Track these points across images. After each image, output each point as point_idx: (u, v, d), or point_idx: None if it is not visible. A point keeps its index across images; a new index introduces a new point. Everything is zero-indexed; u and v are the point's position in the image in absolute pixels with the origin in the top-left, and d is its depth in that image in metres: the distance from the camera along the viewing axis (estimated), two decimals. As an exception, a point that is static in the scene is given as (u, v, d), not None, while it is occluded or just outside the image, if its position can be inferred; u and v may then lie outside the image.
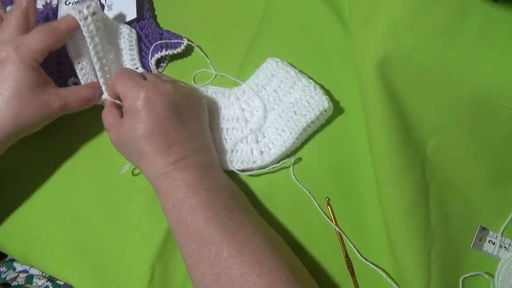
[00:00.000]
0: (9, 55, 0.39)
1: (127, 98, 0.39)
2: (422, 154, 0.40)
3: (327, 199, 0.43)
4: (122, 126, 0.39)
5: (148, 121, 0.38)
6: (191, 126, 0.40)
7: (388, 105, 0.40)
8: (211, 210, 0.36)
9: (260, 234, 0.36)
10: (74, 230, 0.45)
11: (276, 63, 0.45)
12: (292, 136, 0.42)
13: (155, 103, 0.38)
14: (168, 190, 0.37)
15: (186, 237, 0.36)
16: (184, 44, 0.48)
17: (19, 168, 0.47)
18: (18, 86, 0.39)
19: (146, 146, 0.38)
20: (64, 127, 0.48)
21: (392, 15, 0.40)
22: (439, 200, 0.39)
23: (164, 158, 0.38)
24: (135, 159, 0.39)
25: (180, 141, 0.39)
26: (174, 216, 0.37)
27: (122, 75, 0.40)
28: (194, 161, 0.39)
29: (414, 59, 0.40)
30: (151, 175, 0.38)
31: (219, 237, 0.35)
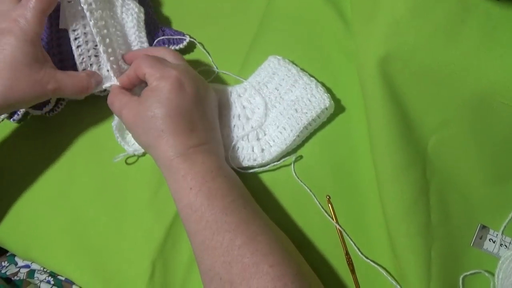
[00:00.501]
0: (9, 28, 0.37)
1: (155, 78, 0.38)
2: (423, 152, 0.40)
3: (327, 196, 0.43)
4: (144, 103, 0.38)
5: (177, 101, 0.37)
6: (210, 116, 0.41)
7: (389, 103, 0.40)
8: (228, 197, 0.36)
9: (271, 227, 0.37)
10: (75, 226, 0.45)
11: (278, 61, 0.46)
12: (293, 134, 0.43)
13: (186, 86, 0.38)
14: (186, 172, 0.36)
15: (199, 223, 0.35)
16: (186, 40, 0.48)
17: (19, 165, 0.48)
18: (14, 60, 0.37)
19: (170, 124, 0.37)
20: (64, 123, 0.48)
21: (394, 13, 0.40)
22: (439, 199, 0.39)
23: (186, 139, 0.37)
24: (153, 137, 0.38)
25: (201, 127, 0.39)
26: (189, 200, 0.36)
27: (148, 57, 0.40)
28: (213, 148, 0.39)
29: (415, 57, 0.40)
30: (168, 155, 0.37)
31: (234, 225, 0.34)
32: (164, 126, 0.37)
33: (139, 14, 0.46)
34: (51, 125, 0.48)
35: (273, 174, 0.44)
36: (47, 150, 0.48)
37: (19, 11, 0.38)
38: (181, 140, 0.37)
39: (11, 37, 0.37)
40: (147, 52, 0.42)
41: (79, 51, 0.43)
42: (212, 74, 0.48)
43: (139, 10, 0.46)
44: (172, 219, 0.43)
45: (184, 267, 0.42)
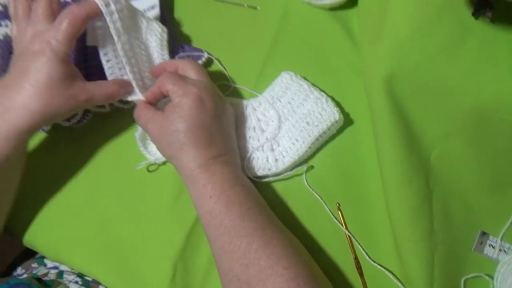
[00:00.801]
0: (42, 49, 0.40)
1: (178, 94, 0.41)
2: (426, 163, 0.42)
3: (337, 204, 0.46)
4: (168, 117, 0.41)
5: (197, 116, 0.40)
6: (227, 129, 0.44)
7: (395, 117, 0.42)
8: (245, 204, 0.39)
9: (285, 232, 0.39)
10: (101, 229, 0.48)
11: (290, 77, 0.49)
12: (305, 145, 0.45)
13: (205, 102, 0.41)
14: (206, 181, 0.39)
15: (219, 228, 0.38)
16: (204, 57, 0.52)
17: (49, 172, 0.50)
18: (49, 79, 0.40)
19: (192, 138, 0.40)
20: (90, 133, 0.51)
21: (398, 34, 0.43)
22: (442, 206, 0.42)
23: (206, 152, 0.40)
24: (175, 150, 0.41)
25: (220, 139, 0.42)
26: (209, 207, 0.39)
27: (171, 74, 0.43)
28: (230, 159, 0.42)
29: (418, 74, 0.43)
30: (190, 166, 0.40)
31: (251, 230, 0.37)
32: (186, 140, 0.40)
33: (162, 34, 0.49)
34: (79, 136, 0.51)
35: (286, 183, 0.47)
36: (74, 158, 0.51)
37: (52, 33, 0.40)
38: (202, 152, 0.40)
39: (44, 58, 0.40)
40: (174, 64, 0.46)
41: (109, 65, 0.47)
42: (228, 89, 0.51)
43: (162, 30, 0.49)
44: (192, 225, 0.46)
45: (203, 269, 0.45)
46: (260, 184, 0.47)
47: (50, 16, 0.42)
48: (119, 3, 0.42)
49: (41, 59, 0.40)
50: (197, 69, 0.45)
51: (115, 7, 0.42)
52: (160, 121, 0.41)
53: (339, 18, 0.52)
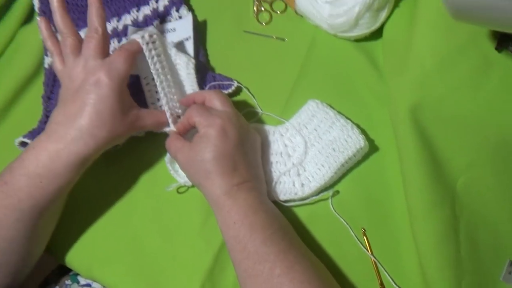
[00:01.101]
0: (103, 79, 0.43)
1: (203, 126, 0.43)
2: (452, 191, 0.43)
3: (363, 229, 0.46)
4: (194, 148, 0.43)
5: (221, 146, 0.42)
6: (251, 156, 0.46)
7: (420, 145, 0.44)
8: (268, 230, 0.40)
9: (307, 257, 0.40)
10: (133, 248, 0.50)
11: (317, 104, 0.50)
12: (331, 171, 0.47)
13: (228, 132, 0.43)
14: (230, 208, 0.41)
15: (242, 253, 0.40)
16: (234, 85, 0.54)
17: (86, 192, 0.53)
18: (112, 110, 0.44)
19: (215, 167, 0.42)
20: (125, 156, 0.54)
21: (423, 67, 0.44)
22: (469, 234, 0.42)
23: (230, 179, 0.42)
24: (202, 178, 0.43)
25: (243, 166, 0.44)
26: (234, 233, 0.41)
27: (197, 106, 0.46)
28: (253, 186, 0.44)
29: (443, 105, 0.44)
30: (216, 193, 0.42)
31: (273, 255, 0.39)
32: (211, 168, 0.42)
33: (189, 64, 0.51)
34: (115, 158, 0.54)
35: (312, 208, 0.48)
36: (110, 179, 0.53)
37: (109, 68, 0.44)
38: (226, 179, 0.42)
39: (105, 91, 0.43)
40: (201, 95, 0.48)
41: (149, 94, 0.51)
42: (256, 115, 0.54)
43: (189, 60, 0.52)
44: (220, 246, 0.48)
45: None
46: (286, 208, 0.48)
47: (102, 53, 0.46)
48: (154, 39, 0.47)
49: (103, 89, 0.44)
50: (222, 99, 0.47)
51: (152, 45, 0.47)
52: (187, 152, 0.44)
53: (364, 49, 0.54)
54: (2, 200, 0.42)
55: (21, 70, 0.60)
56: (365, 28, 0.53)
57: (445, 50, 0.44)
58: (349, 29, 0.53)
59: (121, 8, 0.62)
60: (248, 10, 0.60)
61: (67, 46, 0.46)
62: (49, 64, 0.60)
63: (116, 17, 0.61)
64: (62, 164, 0.43)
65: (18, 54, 0.61)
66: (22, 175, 0.43)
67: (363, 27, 0.53)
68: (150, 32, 0.48)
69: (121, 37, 0.60)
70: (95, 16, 0.46)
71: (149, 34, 0.48)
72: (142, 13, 0.61)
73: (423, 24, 0.46)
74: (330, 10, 0.52)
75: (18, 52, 0.62)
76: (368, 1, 0.49)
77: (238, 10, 0.60)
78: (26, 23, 0.64)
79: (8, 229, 0.42)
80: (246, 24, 0.59)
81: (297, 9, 0.56)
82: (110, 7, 0.62)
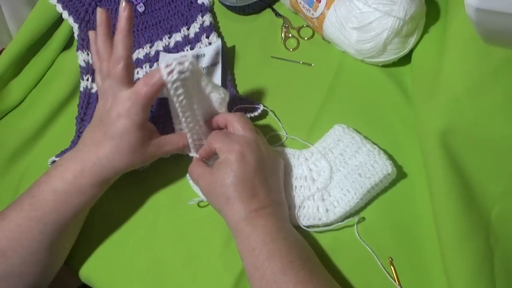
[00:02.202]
0: (124, 114, 0.44)
1: (223, 152, 0.44)
2: (486, 220, 0.41)
3: (390, 258, 0.44)
4: (215, 174, 0.44)
5: (240, 171, 0.43)
6: (271, 181, 0.45)
7: (451, 172, 0.42)
8: (286, 258, 0.39)
9: (331, 285, 0.39)
10: (154, 268, 0.50)
11: (343, 129, 0.50)
12: (357, 196, 0.45)
13: (247, 157, 0.43)
14: (249, 235, 0.41)
15: (261, 281, 0.39)
16: (260, 109, 0.55)
17: (111, 210, 0.54)
18: (131, 145, 0.45)
19: (234, 192, 0.42)
20: (151, 176, 0.55)
21: (453, 91, 0.43)
22: (505, 267, 0.39)
23: (248, 205, 0.42)
24: (222, 204, 0.43)
25: (262, 192, 0.43)
26: (252, 260, 0.40)
27: (219, 133, 0.46)
28: (273, 211, 0.43)
29: (476, 131, 0.42)
30: (235, 219, 0.42)
31: (291, 285, 0.38)
32: (230, 194, 0.43)
33: (224, 98, 0.50)
34: (141, 177, 0.55)
35: (337, 234, 0.47)
36: (135, 198, 0.54)
37: (131, 102, 0.44)
38: (245, 205, 0.42)
39: (127, 125, 0.44)
40: (224, 118, 0.49)
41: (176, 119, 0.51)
42: (282, 139, 0.54)
43: (225, 94, 0.50)
44: (240, 271, 0.47)
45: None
46: (309, 235, 0.47)
47: (127, 81, 0.46)
48: (183, 70, 0.43)
49: (123, 126, 0.45)
50: (243, 123, 0.47)
51: (177, 75, 0.43)
52: (208, 178, 0.45)
53: (391, 74, 0.54)
54: (29, 213, 0.44)
55: (59, 92, 0.63)
56: (393, 54, 0.52)
57: (477, 74, 0.43)
58: (377, 54, 0.53)
59: (154, 35, 0.65)
60: (276, 37, 0.62)
61: (103, 70, 0.48)
62: (84, 87, 0.62)
63: (149, 43, 0.64)
64: (86, 183, 0.45)
65: (57, 77, 0.65)
66: (49, 190, 0.45)
67: (391, 52, 0.52)
68: (180, 60, 0.44)
69: (152, 62, 0.63)
70: (120, 43, 0.46)
71: (180, 71, 0.43)
72: (174, 40, 0.63)
73: (454, 49, 0.46)
74: (357, 36, 0.52)
75: (57, 75, 0.66)
76: (396, 27, 0.49)
77: (267, 36, 0.62)
78: (65, 49, 0.68)
79: (32, 240, 0.44)
80: (273, 50, 0.61)
81: (324, 35, 0.57)
82: (144, 34, 0.65)
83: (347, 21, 0.52)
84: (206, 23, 0.63)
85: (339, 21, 0.53)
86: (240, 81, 0.59)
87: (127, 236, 0.52)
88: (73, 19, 0.65)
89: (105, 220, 0.54)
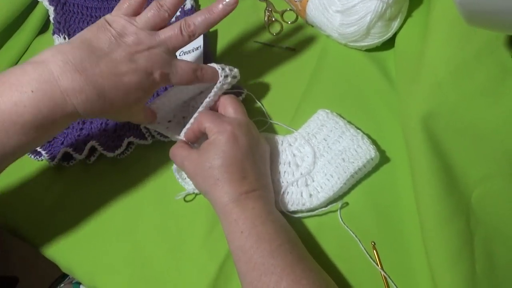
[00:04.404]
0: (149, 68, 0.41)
1: (213, 132, 0.43)
2: (467, 204, 0.41)
3: (373, 243, 0.45)
4: (203, 155, 0.43)
5: (231, 153, 0.42)
6: (260, 165, 0.45)
7: (433, 156, 0.42)
8: (276, 241, 0.39)
9: (315, 272, 0.39)
10: (136, 257, 0.49)
11: (326, 114, 0.50)
12: (340, 181, 0.45)
13: (239, 139, 0.43)
14: (238, 216, 0.40)
15: (248, 264, 0.38)
16: (243, 94, 0.54)
17: (92, 200, 0.53)
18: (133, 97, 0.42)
19: (224, 173, 0.41)
20: (132, 164, 0.54)
21: (436, 76, 0.43)
22: (485, 250, 0.40)
23: (238, 187, 0.41)
24: (210, 185, 0.42)
25: (252, 175, 0.43)
26: (240, 243, 0.39)
27: (208, 112, 0.45)
28: (262, 195, 0.43)
29: (458, 115, 0.42)
30: (223, 200, 0.41)
31: (280, 268, 0.37)
32: (219, 175, 0.42)
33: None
34: (122, 166, 0.54)
35: (320, 219, 0.47)
36: (116, 188, 0.53)
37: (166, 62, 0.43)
38: (234, 187, 0.41)
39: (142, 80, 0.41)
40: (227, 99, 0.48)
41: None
42: (265, 124, 0.53)
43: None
44: (225, 256, 0.46)
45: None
46: (293, 219, 0.47)
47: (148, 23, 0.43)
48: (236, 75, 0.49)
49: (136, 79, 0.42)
50: (235, 105, 0.47)
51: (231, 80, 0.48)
52: (196, 159, 0.43)
53: (375, 58, 0.54)
54: None
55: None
56: (376, 38, 0.52)
57: (459, 59, 0.43)
58: (361, 38, 0.52)
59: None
60: (259, 20, 0.60)
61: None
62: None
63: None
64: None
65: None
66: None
67: (374, 36, 0.52)
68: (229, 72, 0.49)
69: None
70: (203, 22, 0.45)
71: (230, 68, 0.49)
72: (154, 23, 0.61)
73: (437, 33, 0.45)
74: (341, 19, 0.51)
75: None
76: (379, 10, 0.49)
77: (249, 20, 0.61)
78: (41, 33, 0.65)
79: None
80: (257, 34, 0.60)
81: (308, 18, 0.56)
82: (123, 17, 0.63)
83: (331, 4, 0.51)
84: (187, 6, 0.61)
85: (323, 4, 0.52)
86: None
87: (109, 225, 0.51)
88: (48, 1, 0.62)
89: (86, 210, 0.52)
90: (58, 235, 0.50)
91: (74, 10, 0.63)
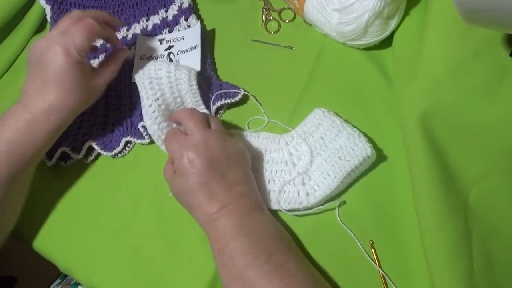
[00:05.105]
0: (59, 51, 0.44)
1: (175, 158, 0.44)
2: (465, 202, 0.41)
3: (371, 241, 0.45)
4: (174, 183, 0.44)
5: (191, 178, 0.42)
6: (230, 175, 0.44)
7: (430, 154, 0.42)
8: (249, 254, 0.39)
9: (298, 277, 0.38)
10: (134, 258, 0.49)
11: (323, 113, 0.50)
12: (337, 179, 0.45)
13: (195, 163, 0.42)
14: (213, 236, 0.42)
15: (228, 278, 0.40)
16: (241, 94, 0.54)
17: (90, 200, 0.52)
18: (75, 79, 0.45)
19: (192, 199, 0.43)
20: (130, 164, 0.54)
21: (434, 74, 0.43)
22: (483, 248, 0.40)
23: (208, 208, 0.42)
24: (187, 208, 0.45)
25: (220, 191, 0.42)
26: (219, 259, 0.41)
27: (169, 136, 0.46)
28: (234, 207, 0.42)
29: (455, 113, 0.42)
30: (200, 222, 0.43)
31: (257, 279, 0.38)
32: (190, 201, 0.44)
33: (190, 76, 0.52)
34: (119, 166, 0.53)
35: (318, 218, 0.47)
36: (114, 187, 0.53)
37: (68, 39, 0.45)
38: (205, 209, 0.42)
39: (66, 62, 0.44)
40: (177, 115, 0.48)
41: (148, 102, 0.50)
42: (263, 123, 0.53)
43: (189, 72, 0.52)
44: (222, 256, 0.46)
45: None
46: (290, 218, 0.47)
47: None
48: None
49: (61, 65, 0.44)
50: (194, 120, 0.45)
51: None
52: (172, 186, 0.45)
53: (373, 57, 0.54)
54: None
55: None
56: (374, 36, 0.52)
57: (457, 57, 0.43)
58: (358, 37, 0.52)
59: (131, 18, 0.62)
60: (257, 19, 0.60)
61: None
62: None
63: (126, 26, 0.62)
64: (41, 130, 0.45)
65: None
66: (2, 142, 0.43)
67: (372, 35, 0.52)
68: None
69: (129, 45, 0.61)
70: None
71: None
72: (152, 22, 0.61)
73: (435, 32, 0.45)
74: (339, 17, 0.51)
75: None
76: (377, 9, 0.49)
77: (247, 19, 0.61)
78: (38, 32, 0.65)
79: None
80: (254, 33, 0.59)
81: (305, 17, 0.56)
82: (121, 17, 0.63)
83: (328, 3, 0.51)
84: (185, 5, 0.61)
85: (320, 3, 0.52)
86: (220, 65, 0.58)
87: (107, 224, 0.51)
88: (45, 0, 0.62)
89: (84, 210, 0.52)
90: (57, 235, 0.50)
91: (71, 9, 0.63)
